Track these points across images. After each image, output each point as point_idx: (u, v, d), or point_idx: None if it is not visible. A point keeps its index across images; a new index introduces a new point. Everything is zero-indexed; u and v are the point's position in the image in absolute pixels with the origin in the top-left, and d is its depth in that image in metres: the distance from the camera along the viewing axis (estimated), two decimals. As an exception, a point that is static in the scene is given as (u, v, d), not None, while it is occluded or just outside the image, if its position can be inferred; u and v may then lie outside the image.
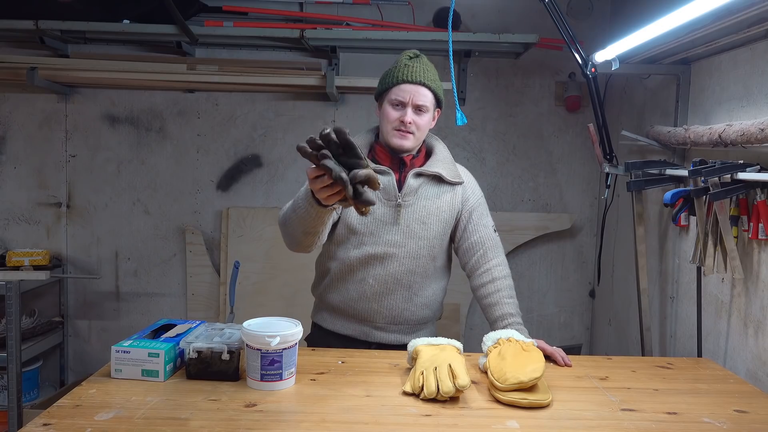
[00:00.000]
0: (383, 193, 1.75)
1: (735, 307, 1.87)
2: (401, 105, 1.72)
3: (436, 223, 1.78)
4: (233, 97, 3.20)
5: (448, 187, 1.81)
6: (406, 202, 1.76)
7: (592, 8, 3.10)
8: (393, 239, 1.75)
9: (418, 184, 1.77)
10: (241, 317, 1.78)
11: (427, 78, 1.73)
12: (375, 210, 1.73)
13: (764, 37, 1.78)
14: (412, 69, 1.72)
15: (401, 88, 1.72)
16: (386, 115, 1.74)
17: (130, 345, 1.47)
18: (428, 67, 1.76)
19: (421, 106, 1.72)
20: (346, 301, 1.81)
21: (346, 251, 1.77)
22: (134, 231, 3.25)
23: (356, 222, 1.74)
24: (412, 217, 1.76)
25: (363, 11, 3.08)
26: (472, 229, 1.83)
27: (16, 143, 3.19)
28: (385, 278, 1.77)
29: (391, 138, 1.74)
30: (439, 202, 1.79)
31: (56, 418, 1.24)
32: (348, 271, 1.79)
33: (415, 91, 1.71)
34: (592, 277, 3.27)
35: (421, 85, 1.72)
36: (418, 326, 1.85)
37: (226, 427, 1.23)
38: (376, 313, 1.79)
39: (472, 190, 1.86)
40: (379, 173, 1.73)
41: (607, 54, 2.17)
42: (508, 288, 1.81)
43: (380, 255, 1.75)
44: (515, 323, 1.74)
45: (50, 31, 2.85)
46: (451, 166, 1.83)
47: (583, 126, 3.15)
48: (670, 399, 1.45)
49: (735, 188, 1.72)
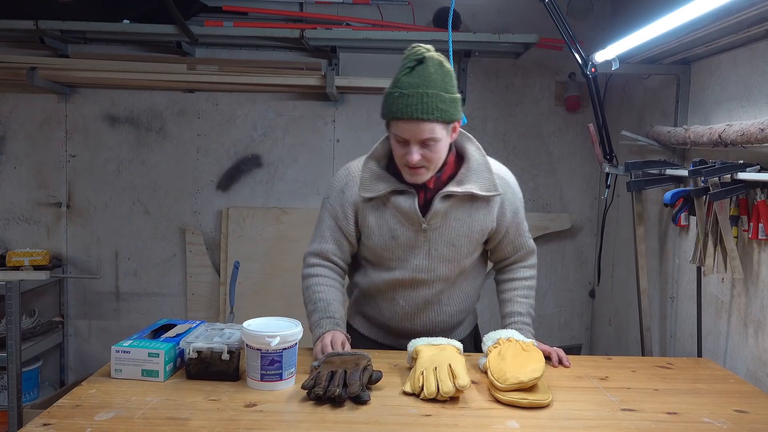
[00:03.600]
0: (405, 217, 1.59)
1: (735, 307, 1.87)
2: (405, 142, 1.49)
3: (467, 245, 1.64)
4: (233, 97, 3.20)
5: (483, 202, 1.61)
6: (433, 225, 1.60)
7: (592, 8, 3.10)
8: (421, 264, 1.63)
9: (446, 207, 1.59)
10: (241, 317, 1.78)
11: (427, 110, 1.44)
12: (399, 235, 1.61)
13: (764, 37, 1.78)
14: (409, 100, 1.44)
15: (400, 126, 1.47)
16: (393, 148, 1.54)
17: (130, 345, 1.47)
18: (433, 84, 1.45)
19: (427, 140, 1.47)
20: (379, 317, 1.76)
21: (375, 273, 1.70)
22: (134, 231, 3.24)
23: (381, 248, 1.64)
24: (441, 240, 1.61)
25: (363, 11, 3.08)
26: (506, 243, 1.71)
27: (16, 143, 3.19)
28: (415, 300, 1.69)
29: (404, 174, 1.55)
30: (471, 221, 1.61)
31: (56, 418, 1.24)
32: (377, 291, 1.72)
33: (417, 129, 1.46)
34: (592, 277, 3.27)
35: (421, 121, 1.45)
36: (456, 326, 1.79)
37: (226, 427, 1.23)
38: (409, 331, 1.72)
39: (510, 201, 1.65)
40: (400, 193, 1.59)
41: (607, 54, 2.17)
42: (526, 288, 1.75)
43: (408, 281, 1.66)
44: (520, 322, 1.71)
45: (50, 31, 2.85)
46: (486, 174, 1.59)
47: (583, 126, 3.15)
48: (670, 399, 1.45)
49: (735, 188, 1.72)
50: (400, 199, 1.60)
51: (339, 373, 1.36)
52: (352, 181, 1.64)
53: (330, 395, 1.31)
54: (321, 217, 1.71)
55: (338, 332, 1.58)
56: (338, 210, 1.66)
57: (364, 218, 1.63)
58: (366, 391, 1.35)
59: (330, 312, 1.62)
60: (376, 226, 1.63)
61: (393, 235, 1.62)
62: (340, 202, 1.65)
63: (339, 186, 1.67)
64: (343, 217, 1.65)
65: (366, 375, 1.38)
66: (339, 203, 1.65)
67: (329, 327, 1.58)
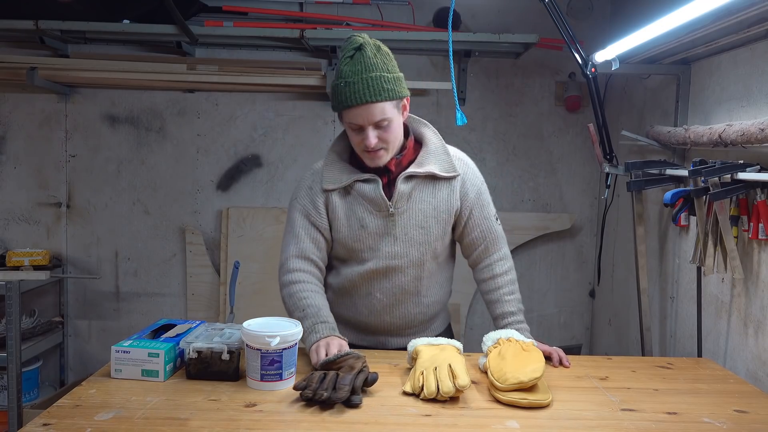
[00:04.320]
0: (372, 204, 1.63)
1: (735, 307, 1.87)
2: (360, 128, 1.55)
3: (435, 225, 1.67)
4: (233, 97, 3.20)
5: (445, 182, 1.67)
6: (399, 209, 1.64)
7: (592, 8, 3.10)
8: (393, 251, 1.65)
9: (410, 189, 1.64)
10: (241, 317, 1.78)
11: (374, 91, 1.51)
12: (368, 223, 1.64)
13: (764, 37, 1.78)
14: (354, 87, 1.51)
15: (351, 113, 1.54)
16: (350, 138, 1.61)
17: (130, 345, 1.47)
18: (373, 68, 1.52)
19: (380, 121, 1.54)
20: (355, 315, 1.75)
21: (348, 268, 1.70)
22: (134, 231, 3.25)
23: (351, 239, 1.66)
24: (409, 224, 1.65)
25: (363, 11, 3.08)
26: (472, 225, 1.72)
27: (16, 143, 3.19)
28: (392, 290, 1.69)
29: (365, 159, 1.62)
30: (436, 201, 1.67)
31: (56, 418, 1.24)
32: (352, 287, 1.72)
33: (367, 112, 1.52)
34: (592, 277, 3.27)
35: (369, 103, 1.51)
36: (432, 320, 1.80)
37: (226, 427, 1.23)
38: (388, 324, 1.73)
39: (471, 181, 1.71)
40: (364, 182, 1.64)
41: (607, 54, 2.17)
42: (509, 284, 1.75)
43: (382, 270, 1.67)
44: (515, 322, 1.71)
45: (50, 31, 2.85)
46: (444, 156, 1.67)
47: (583, 126, 3.15)
48: (670, 399, 1.45)
49: (735, 188, 1.72)
50: (365, 187, 1.64)
51: (330, 376, 1.35)
52: (317, 177, 1.68)
53: (318, 398, 1.30)
54: (291, 219, 1.71)
55: (335, 338, 1.55)
56: (309, 206, 1.68)
57: (333, 211, 1.66)
58: (358, 395, 1.34)
59: (323, 317, 1.59)
60: (344, 218, 1.66)
61: (362, 224, 1.65)
62: (310, 198, 1.68)
63: (306, 184, 1.71)
64: (315, 212, 1.67)
65: (361, 377, 1.37)
66: (309, 199, 1.68)
67: (326, 332, 1.55)
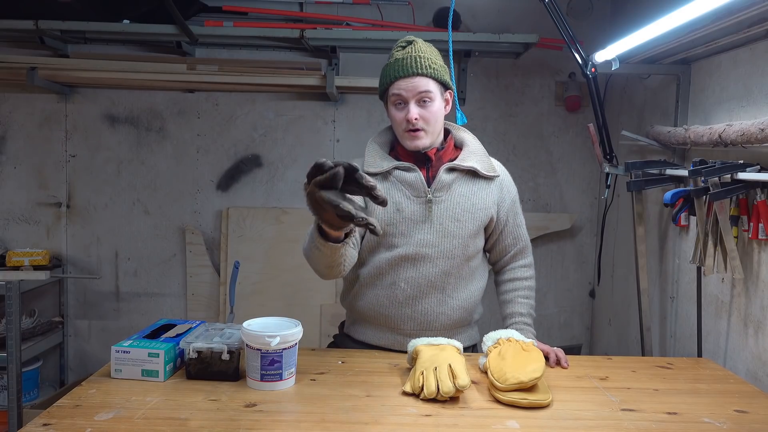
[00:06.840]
0: (411, 189, 1.66)
1: (735, 307, 1.87)
2: (403, 102, 1.63)
3: (470, 221, 1.67)
4: (233, 97, 3.20)
5: (484, 182, 1.70)
6: (438, 197, 1.66)
7: (592, 8, 3.10)
8: (425, 239, 1.65)
9: (451, 180, 1.67)
10: (241, 317, 1.78)
11: (422, 66, 1.61)
12: (404, 208, 1.65)
13: (764, 37, 1.78)
14: (404, 62, 1.62)
15: (397, 86, 1.62)
16: (392, 117, 1.66)
17: (130, 345, 1.47)
18: (423, 52, 1.64)
19: (423, 95, 1.61)
20: (376, 307, 1.71)
21: (376, 255, 1.68)
22: (134, 231, 3.24)
23: (385, 223, 1.65)
24: (446, 214, 1.66)
25: (363, 11, 3.08)
26: (507, 232, 1.76)
27: (16, 143, 3.19)
28: (417, 281, 1.67)
29: (405, 141, 1.66)
30: (474, 198, 1.68)
31: (56, 418, 1.24)
32: (378, 276, 1.69)
33: (413, 84, 1.61)
34: (592, 277, 3.27)
35: (416, 76, 1.61)
36: (452, 330, 1.73)
37: (226, 427, 1.23)
38: (408, 319, 1.69)
39: (508, 189, 1.75)
40: (404, 170, 1.67)
41: (607, 54, 2.17)
42: (527, 289, 1.78)
43: (412, 256, 1.65)
44: (521, 323, 1.72)
45: (50, 31, 2.85)
46: (485, 158, 1.72)
47: (583, 126, 3.15)
48: (670, 399, 1.45)
49: (735, 188, 1.72)
50: (405, 174, 1.67)
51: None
52: (359, 161, 1.69)
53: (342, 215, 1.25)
54: None
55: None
56: None
57: None
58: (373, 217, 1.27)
59: None
60: None
61: (398, 208, 1.65)
62: None
63: None
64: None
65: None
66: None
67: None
